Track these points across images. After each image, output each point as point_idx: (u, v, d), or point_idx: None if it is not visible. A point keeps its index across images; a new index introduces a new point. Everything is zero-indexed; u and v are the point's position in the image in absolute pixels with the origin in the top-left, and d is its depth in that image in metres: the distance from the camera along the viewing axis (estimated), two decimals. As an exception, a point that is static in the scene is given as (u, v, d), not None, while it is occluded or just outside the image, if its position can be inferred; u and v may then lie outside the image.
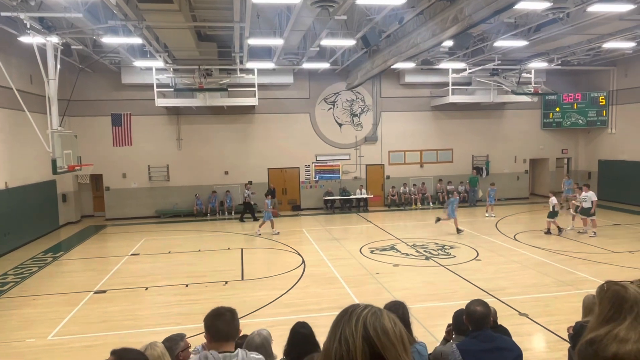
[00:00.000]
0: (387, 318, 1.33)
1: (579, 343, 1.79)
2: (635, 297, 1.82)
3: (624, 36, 15.03)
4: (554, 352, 7.03)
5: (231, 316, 2.91)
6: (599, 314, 1.86)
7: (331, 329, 1.35)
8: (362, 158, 22.64)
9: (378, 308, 1.36)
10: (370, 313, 1.32)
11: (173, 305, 9.69)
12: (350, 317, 1.32)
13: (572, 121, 23.14)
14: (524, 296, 9.57)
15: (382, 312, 1.34)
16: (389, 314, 1.35)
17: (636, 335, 1.69)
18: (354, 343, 1.26)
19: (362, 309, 1.34)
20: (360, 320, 1.29)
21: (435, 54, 17.89)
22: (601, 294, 1.91)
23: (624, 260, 12.11)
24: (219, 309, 2.93)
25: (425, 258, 12.91)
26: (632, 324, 1.74)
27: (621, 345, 1.67)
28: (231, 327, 2.90)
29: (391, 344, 1.28)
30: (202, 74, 17.85)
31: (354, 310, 1.35)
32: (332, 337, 1.33)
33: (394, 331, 1.31)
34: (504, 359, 3.25)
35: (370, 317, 1.30)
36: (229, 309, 2.95)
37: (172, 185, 21.12)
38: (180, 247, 14.96)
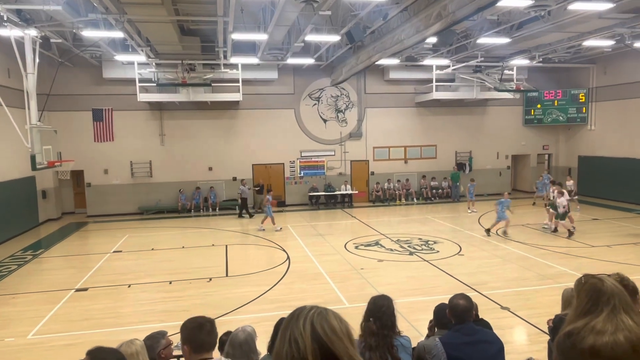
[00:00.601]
0: (333, 316, 1.40)
1: (557, 335, 1.83)
2: (612, 290, 1.86)
3: (603, 34, 15.30)
4: (534, 345, 7.15)
5: (211, 326, 2.94)
6: (576, 307, 1.90)
7: (280, 332, 1.40)
8: (347, 154, 22.68)
9: (323, 308, 1.43)
10: (317, 313, 1.39)
11: (156, 302, 9.61)
12: (297, 318, 1.38)
13: (553, 118, 23.51)
14: (506, 290, 9.73)
15: (327, 312, 1.41)
16: (334, 312, 1.42)
17: (612, 327, 1.73)
18: (303, 342, 1.32)
19: (309, 310, 1.41)
20: (307, 320, 1.36)
21: (419, 51, 17.98)
22: (579, 287, 1.95)
23: (603, 254, 12.38)
24: (199, 319, 2.93)
25: (409, 253, 13.02)
26: (608, 316, 1.78)
27: (598, 337, 1.71)
28: (212, 337, 2.92)
29: (339, 339, 1.34)
30: (185, 68, 17.67)
31: (300, 312, 1.42)
32: (282, 340, 1.38)
33: (340, 328, 1.37)
34: (485, 351, 3.30)
35: (316, 317, 1.37)
36: (208, 320, 2.97)
37: (155, 182, 20.88)
38: (163, 244, 14.82)
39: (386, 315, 3.41)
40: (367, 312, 3.50)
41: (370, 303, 3.53)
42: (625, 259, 11.78)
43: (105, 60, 18.67)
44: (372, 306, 3.49)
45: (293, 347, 1.33)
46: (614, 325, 1.74)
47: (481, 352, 3.27)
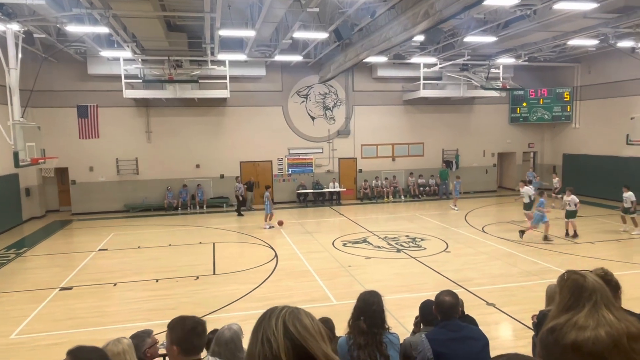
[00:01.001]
0: (305, 315, 1.41)
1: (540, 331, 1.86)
2: (594, 286, 1.89)
3: (587, 34, 15.51)
4: (519, 340, 7.24)
5: (202, 329, 2.89)
6: (559, 303, 1.93)
7: (252, 333, 1.40)
8: (335, 152, 22.70)
9: (295, 307, 1.44)
10: (289, 312, 1.40)
11: (143, 301, 9.52)
12: (269, 318, 1.39)
13: (538, 116, 23.79)
14: (492, 286, 9.83)
15: (299, 310, 1.42)
16: (306, 311, 1.44)
17: (594, 322, 1.76)
18: (276, 341, 1.32)
19: (280, 309, 1.42)
20: (280, 320, 1.36)
21: (407, 49, 18.05)
22: (561, 283, 1.99)
23: (586, 250, 12.59)
24: (190, 322, 2.86)
25: (397, 250, 13.09)
26: (590, 311, 1.81)
27: (580, 332, 1.73)
28: (203, 339, 2.89)
29: (312, 337, 1.35)
30: (172, 65, 17.49)
31: (272, 312, 1.42)
32: (254, 340, 1.38)
33: (312, 325, 1.38)
34: (471, 347, 3.33)
35: (288, 316, 1.37)
36: (200, 322, 2.91)
37: (142, 179, 20.68)
38: (150, 242, 14.69)
39: (377, 313, 3.42)
40: (356, 309, 3.49)
41: (360, 300, 3.53)
42: (608, 255, 11.99)
43: (90, 56, 18.41)
44: (362, 304, 3.48)
45: (266, 346, 1.33)
46: (596, 320, 1.77)
47: (467, 348, 3.30)
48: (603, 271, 3.21)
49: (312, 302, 9.02)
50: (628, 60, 18.13)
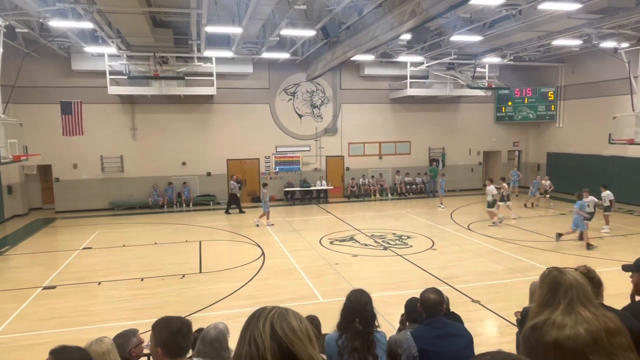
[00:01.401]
0: (293, 316, 1.42)
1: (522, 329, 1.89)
2: (570, 283, 1.93)
3: (571, 34, 15.72)
4: (504, 337, 7.33)
5: (188, 330, 2.83)
6: (538, 299, 1.97)
7: (241, 333, 1.41)
8: (322, 149, 22.71)
9: (284, 308, 1.45)
10: (277, 314, 1.40)
11: (128, 299, 9.44)
12: (258, 319, 1.40)
13: (523, 115, 24.08)
14: (477, 283, 9.94)
15: (288, 312, 1.43)
16: (295, 312, 1.45)
17: (572, 320, 1.80)
18: (263, 343, 1.33)
19: (269, 310, 1.43)
20: (267, 321, 1.37)
21: (394, 47, 18.11)
22: (542, 279, 2.02)
23: (569, 247, 12.79)
24: (175, 323, 2.79)
25: (383, 248, 13.15)
26: (566, 309, 1.85)
27: (560, 331, 1.77)
28: (189, 340, 2.84)
29: (298, 339, 1.36)
30: (158, 61, 17.33)
31: (261, 312, 1.43)
32: (241, 341, 1.39)
33: (299, 328, 1.40)
34: (456, 344, 3.37)
35: (277, 318, 1.39)
36: (186, 323, 2.84)
37: (127, 177, 20.45)
38: (135, 240, 14.55)
39: (370, 313, 3.40)
40: (349, 310, 3.42)
41: (353, 302, 3.45)
42: (590, 252, 12.20)
43: (74, 52, 18.12)
44: (355, 305, 3.41)
45: (252, 347, 1.35)
46: (573, 318, 1.81)
47: (451, 345, 3.33)
48: (586, 269, 3.26)
49: (299, 300, 9.03)
50: (611, 61, 18.43)
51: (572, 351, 1.75)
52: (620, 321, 1.93)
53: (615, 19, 13.78)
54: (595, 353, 1.77)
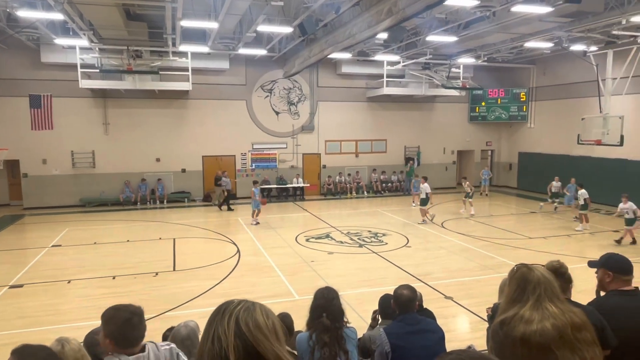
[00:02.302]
0: (260, 312, 1.36)
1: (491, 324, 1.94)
2: (538, 279, 1.98)
3: (543, 36, 16.12)
4: (475, 332, 7.48)
5: (139, 319, 2.63)
6: (507, 295, 2.02)
7: (204, 329, 1.36)
8: (299, 147, 22.67)
9: (251, 303, 1.39)
10: (243, 309, 1.35)
11: (99, 298, 9.22)
12: (223, 315, 1.34)
13: (496, 115, 24.56)
14: (450, 280, 10.11)
15: (255, 307, 1.37)
16: (262, 307, 1.39)
17: (539, 315, 1.85)
18: (226, 340, 1.28)
19: (235, 305, 1.37)
20: (232, 317, 1.32)
21: (371, 46, 18.21)
22: (511, 276, 2.08)
23: (539, 245, 13.13)
24: (124, 313, 2.60)
25: (359, 245, 13.23)
26: (534, 304, 1.90)
27: (527, 326, 1.82)
28: (140, 330, 2.63)
29: (264, 337, 1.31)
30: (131, 55, 16.95)
31: (227, 307, 1.37)
32: (205, 337, 1.34)
33: (266, 324, 1.34)
34: (428, 340, 3.42)
35: (242, 313, 1.33)
36: (136, 312, 2.64)
37: (99, 172, 19.99)
38: (107, 238, 14.24)
39: (337, 308, 3.43)
40: (317, 307, 3.47)
41: (320, 298, 3.50)
42: (559, 249, 12.54)
43: (43, 43, 17.57)
44: (323, 301, 3.46)
45: (215, 344, 1.29)
46: (540, 313, 1.86)
47: (423, 341, 3.38)
48: (559, 264, 3.34)
49: (274, 297, 9.00)
50: (580, 63, 18.96)
51: (539, 345, 1.81)
52: (586, 316, 2.00)
53: (585, 23, 14.19)
54: (561, 347, 1.83)
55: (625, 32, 14.88)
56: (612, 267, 3.13)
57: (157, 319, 7.91)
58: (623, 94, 16.90)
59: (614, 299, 3.06)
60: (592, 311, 2.80)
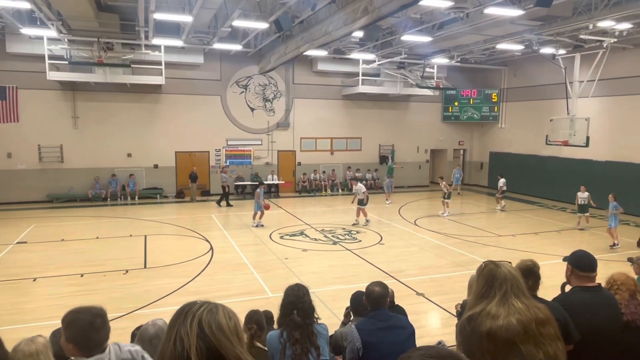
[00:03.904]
0: (223, 313, 1.37)
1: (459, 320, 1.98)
2: (505, 276, 2.03)
3: (514, 39, 16.50)
4: (446, 328, 7.62)
5: (102, 321, 2.51)
6: (475, 291, 2.07)
7: (167, 331, 1.36)
8: (274, 144, 22.58)
9: (214, 304, 1.39)
10: (206, 311, 1.35)
11: (66, 296, 8.98)
12: (185, 316, 1.35)
13: (469, 115, 25.03)
14: (422, 277, 10.26)
15: (217, 308, 1.38)
16: (225, 309, 1.40)
17: (505, 311, 1.90)
18: (188, 342, 1.28)
19: (198, 307, 1.37)
20: (195, 319, 1.32)
21: (347, 44, 18.26)
22: (479, 272, 2.12)
23: (508, 243, 13.46)
24: (84, 316, 2.47)
25: (333, 243, 13.29)
26: (500, 300, 1.95)
27: (493, 321, 1.87)
28: (103, 333, 2.51)
29: (226, 339, 1.32)
30: (102, 47, 16.53)
31: (189, 309, 1.37)
32: (167, 339, 1.33)
33: (228, 326, 1.35)
34: (398, 336, 3.47)
35: (205, 315, 1.34)
36: (98, 313, 2.52)
37: (67, 167, 19.44)
38: (75, 234, 13.87)
39: (308, 304, 3.45)
40: (288, 304, 3.48)
41: (291, 295, 3.52)
42: (527, 247, 12.88)
43: (8, 33, 16.94)
44: (293, 298, 3.48)
45: (177, 346, 1.29)
46: (506, 309, 1.91)
47: (393, 337, 3.42)
48: (532, 263, 3.43)
49: (247, 295, 8.96)
50: (549, 66, 19.49)
51: (504, 340, 1.85)
52: (550, 312, 2.06)
53: (554, 27, 14.59)
54: (526, 342, 1.88)
55: (592, 36, 15.36)
56: (572, 262, 3.24)
57: (126, 317, 7.77)
58: (589, 97, 17.45)
59: (577, 295, 3.16)
60: (556, 307, 2.89)
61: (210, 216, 17.13)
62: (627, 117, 17.99)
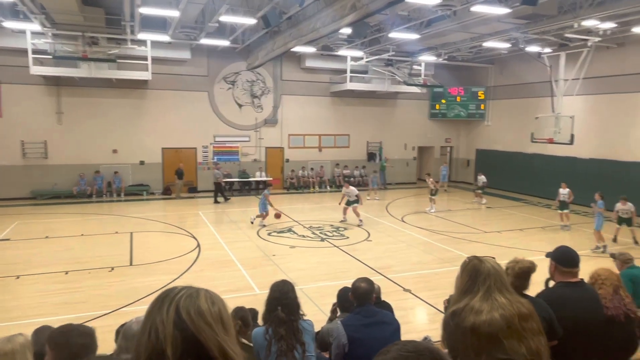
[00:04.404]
0: (204, 298, 1.22)
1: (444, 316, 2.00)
2: (489, 271, 2.06)
3: (500, 37, 16.64)
4: (433, 324, 7.67)
5: (91, 340, 2.48)
6: (459, 286, 2.09)
7: (143, 321, 1.20)
8: (262, 140, 22.49)
9: (196, 289, 1.24)
10: (185, 295, 1.20)
11: (50, 294, 8.87)
12: (162, 303, 1.19)
13: (456, 113, 25.20)
14: (409, 273, 10.33)
15: (199, 293, 1.23)
16: (209, 293, 1.25)
17: (489, 306, 1.93)
18: (164, 331, 1.13)
19: (177, 292, 1.22)
20: (172, 305, 1.17)
21: (335, 40, 18.24)
22: (463, 267, 2.14)
23: (494, 239, 13.60)
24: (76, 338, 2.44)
25: (321, 239, 13.30)
26: (484, 295, 1.97)
27: (477, 316, 1.89)
28: (94, 350, 2.49)
29: (207, 325, 1.16)
30: (87, 42, 16.29)
31: (167, 295, 1.22)
32: (143, 330, 1.18)
33: (210, 311, 1.19)
34: (383, 331, 3.49)
35: (184, 300, 1.18)
36: (87, 333, 2.49)
37: (51, 164, 19.14)
38: (60, 232, 13.68)
39: (293, 301, 3.45)
40: (272, 300, 3.49)
41: (276, 291, 3.53)
42: (512, 243, 13.04)
43: (-10, 26, 16.61)
44: (278, 294, 3.49)
45: (152, 336, 1.13)
46: (490, 304, 1.93)
47: (379, 333, 3.44)
48: (531, 264, 3.42)
49: (235, 292, 8.93)
50: (535, 64, 19.69)
51: (488, 335, 1.88)
52: (532, 307, 2.09)
53: (540, 25, 14.75)
54: (509, 337, 1.91)
55: (577, 35, 15.56)
56: (555, 258, 3.29)
57: (112, 314, 7.71)
58: (574, 95, 17.67)
59: (560, 290, 3.21)
60: (542, 304, 2.93)
61: (198, 213, 17.03)
62: (610, 116, 18.27)
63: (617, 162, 17.86)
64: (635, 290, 5.33)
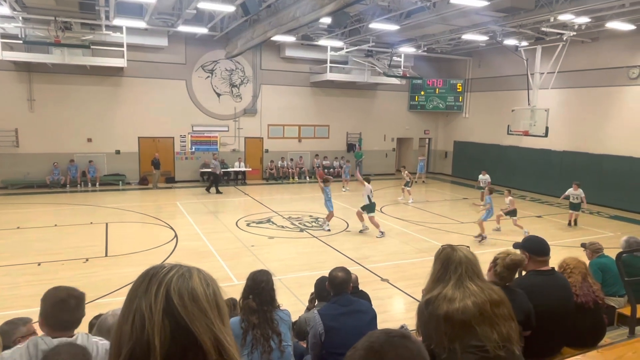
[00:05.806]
0: (199, 279, 1.05)
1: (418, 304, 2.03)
2: (460, 259, 2.09)
3: (479, 30, 16.79)
4: (409, 312, 7.78)
5: (76, 303, 2.48)
6: (432, 274, 2.12)
7: (124, 305, 1.02)
8: (241, 130, 22.29)
9: (187, 267, 1.07)
10: (177, 276, 1.02)
11: (21, 286, 8.66)
12: (149, 284, 1.00)
13: (434, 105, 25.41)
14: (386, 263, 10.44)
15: (191, 273, 1.05)
16: (202, 273, 1.08)
17: (461, 294, 1.96)
18: (151, 317, 0.95)
19: (167, 271, 1.03)
20: (162, 287, 0.99)
21: (315, 30, 18.14)
22: (436, 256, 2.18)
23: (470, 229, 13.82)
24: (60, 293, 2.48)
25: (300, 230, 13.31)
26: (456, 283, 2.01)
27: (450, 304, 1.92)
28: (76, 315, 2.50)
29: (201, 312, 1.00)
30: (60, 27, 15.79)
31: (155, 273, 1.03)
32: (124, 317, 0.99)
33: (205, 294, 1.03)
34: (359, 320, 3.52)
35: (175, 281, 1.00)
36: (75, 295, 2.49)
37: (23, 152, 18.61)
38: (32, 222, 13.34)
39: (265, 291, 3.45)
40: (245, 289, 3.50)
41: (249, 279, 3.54)
42: (487, 233, 13.27)
43: (-44, 9, 15.94)
44: (250, 282, 3.50)
45: (137, 324, 0.96)
46: (462, 292, 1.97)
47: (355, 322, 3.47)
48: (522, 257, 3.46)
49: (212, 282, 8.87)
50: (512, 57, 19.96)
51: (461, 322, 1.91)
52: (503, 293, 2.14)
53: (517, 19, 14.93)
54: (481, 323, 1.95)
55: (553, 29, 15.81)
56: (528, 249, 3.36)
57: (87, 306, 7.55)
58: (549, 88, 18.01)
59: (531, 279, 3.29)
60: (524, 297, 2.98)
61: (175, 203, 16.82)
62: (584, 109, 18.68)
63: (590, 154, 18.31)
64: (604, 279, 5.50)
